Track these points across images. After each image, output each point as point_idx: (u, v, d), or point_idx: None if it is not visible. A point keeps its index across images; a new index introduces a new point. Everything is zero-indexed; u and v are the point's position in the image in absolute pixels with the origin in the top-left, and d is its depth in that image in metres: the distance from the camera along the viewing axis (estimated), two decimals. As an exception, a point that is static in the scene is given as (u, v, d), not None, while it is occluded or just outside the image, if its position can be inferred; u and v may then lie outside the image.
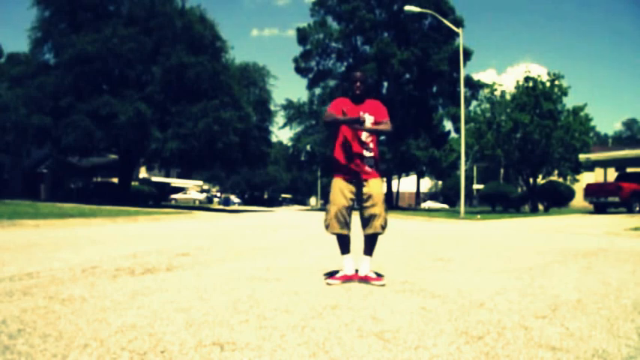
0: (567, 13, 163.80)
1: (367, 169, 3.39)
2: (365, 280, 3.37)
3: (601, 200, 18.20)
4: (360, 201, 3.39)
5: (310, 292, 3.02)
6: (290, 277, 3.63)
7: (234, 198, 59.23)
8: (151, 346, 1.87)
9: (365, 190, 3.37)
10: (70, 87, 22.41)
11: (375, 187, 3.38)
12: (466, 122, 22.11)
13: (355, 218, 3.43)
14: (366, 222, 3.38)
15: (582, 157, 22.82)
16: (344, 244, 3.46)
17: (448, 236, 8.98)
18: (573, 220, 14.60)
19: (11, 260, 4.30)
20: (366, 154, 3.40)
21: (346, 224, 3.40)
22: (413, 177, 49.17)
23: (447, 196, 60.27)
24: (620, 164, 29.52)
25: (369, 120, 3.35)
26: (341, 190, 3.37)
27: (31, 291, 2.91)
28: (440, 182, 63.43)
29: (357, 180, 3.37)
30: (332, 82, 38.42)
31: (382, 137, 4.13)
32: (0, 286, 3.06)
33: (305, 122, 38.81)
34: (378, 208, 3.33)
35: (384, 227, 3.36)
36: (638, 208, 17.37)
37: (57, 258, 4.52)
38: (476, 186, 47.72)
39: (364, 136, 3.38)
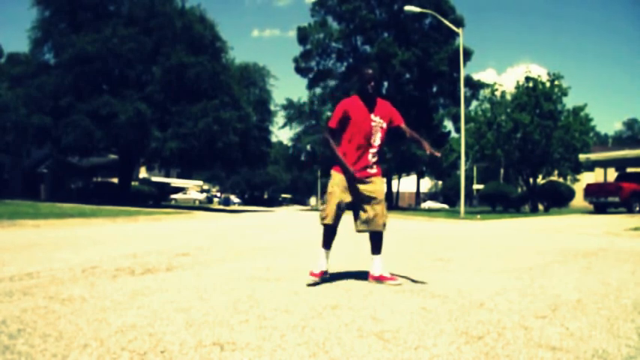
0: (567, 13, 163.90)
1: (372, 167, 3.37)
2: (379, 279, 3.33)
3: (601, 200, 18.20)
4: (361, 199, 3.32)
5: (310, 292, 3.02)
6: (290, 277, 3.63)
7: (234, 198, 59.26)
8: (151, 346, 1.87)
9: (369, 188, 3.31)
10: (70, 87, 22.43)
11: (379, 185, 3.36)
12: (466, 122, 22.12)
13: (348, 218, 3.41)
14: (368, 220, 3.32)
15: (582, 157, 22.81)
16: (330, 237, 3.39)
17: (448, 236, 8.97)
18: (573, 220, 14.59)
19: (11, 260, 4.30)
20: (372, 152, 3.36)
21: (340, 217, 3.35)
22: (413, 177, 49.19)
23: (447, 196, 60.30)
24: (620, 164, 29.46)
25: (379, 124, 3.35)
26: (342, 183, 3.32)
27: (31, 291, 2.91)
28: (440, 182, 63.46)
29: (359, 177, 3.30)
30: (332, 82, 38.43)
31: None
32: (0, 286, 3.06)
33: (305, 122, 38.83)
34: (381, 206, 3.32)
35: (385, 225, 3.36)
36: (638, 208, 17.37)
37: (57, 258, 4.52)
38: (476, 186, 47.66)
39: (375, 137, 3.34)
